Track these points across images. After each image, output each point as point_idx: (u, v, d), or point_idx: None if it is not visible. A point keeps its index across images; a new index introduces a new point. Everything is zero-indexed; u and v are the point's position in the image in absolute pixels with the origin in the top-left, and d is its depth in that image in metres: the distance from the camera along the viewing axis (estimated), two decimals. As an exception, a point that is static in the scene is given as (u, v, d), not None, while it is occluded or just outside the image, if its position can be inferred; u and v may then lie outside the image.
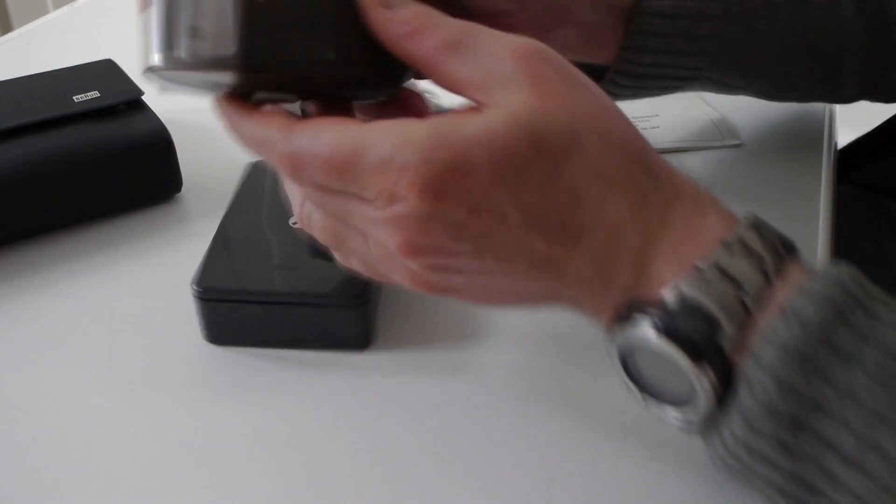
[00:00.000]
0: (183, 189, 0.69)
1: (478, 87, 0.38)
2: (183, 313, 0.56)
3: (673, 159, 0.72)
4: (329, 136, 0.38)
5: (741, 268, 0.37)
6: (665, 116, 0.78)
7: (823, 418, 0.35)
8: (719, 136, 0.75)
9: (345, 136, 0.38)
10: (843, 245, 0.65)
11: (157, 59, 0.38)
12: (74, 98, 0.66)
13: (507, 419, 0.48)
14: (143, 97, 0.69)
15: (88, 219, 0.66)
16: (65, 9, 1.01)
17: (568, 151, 0.37)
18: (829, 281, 0.37)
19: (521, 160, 0.36)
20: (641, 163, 0.39)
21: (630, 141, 0.39)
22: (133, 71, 0.72)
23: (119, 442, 0.48)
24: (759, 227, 0.39)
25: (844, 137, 0.83)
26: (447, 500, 0.44)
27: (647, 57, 0.59)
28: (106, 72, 0.70)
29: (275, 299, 0.51)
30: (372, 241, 0.40)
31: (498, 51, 0.37)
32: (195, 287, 0.52)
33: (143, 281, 0.60)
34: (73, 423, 0.49)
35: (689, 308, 0.37)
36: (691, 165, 0.71)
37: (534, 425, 0.47)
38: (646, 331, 0.37)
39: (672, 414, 0.40)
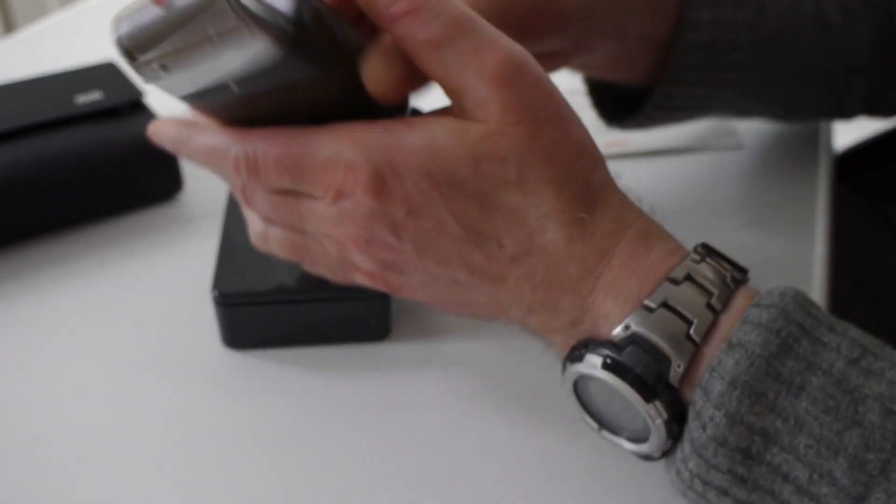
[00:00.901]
0: (184, 188, 0.68)
1: (451, 91, 0.39)
2: (187, 312, 0.56)
3: (668, 162, 0.72)
4: (281, 136, 0.40)
5: (688, 302, 0.38)
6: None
7: (774, 448, 0.36)
8: (718, 138, 0.75)
9: (296, 136, 0.40)
10: (842, 250, 0.65)
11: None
12: (76, 99, 0.66)
13: (522, 407, 0.48)
14: (144, 98, 0.69)
15: (90, 219, 0.66)
16: (67, 10, 1.01)
17: (507, 182, 0.39)
18: (773, 311, 0.37)
19: (458, 178, 0.39)
20: (586, 199, 0.40)
21: (577, 178, 0.40)
22: (134, 73, 0.72)
23: (123, 446, 0.48)
24: (708, 257, 0.40)
25: (844, 137, 0.83)
26: (471, 490, 0.45)
27: (683, 90, 0.59)
28: (107, 73, 0.70)
29: (296, 297, 0.51)
30: (328, 243, 0.42)
31: (481, 68, 0.38)
32: (215, 293, 0.51)
33: (145, 280, 0.60)
34: (74, 423, 0.49)
35: (639, 346, 0.38)
36: (689, 167, 0.71)
37: (548, 414, 0.48)
38: (597, 369, 0.38)
39: (629, 447, 0.41)
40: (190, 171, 0.69)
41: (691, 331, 0.38)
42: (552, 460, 0.46)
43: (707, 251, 0.41)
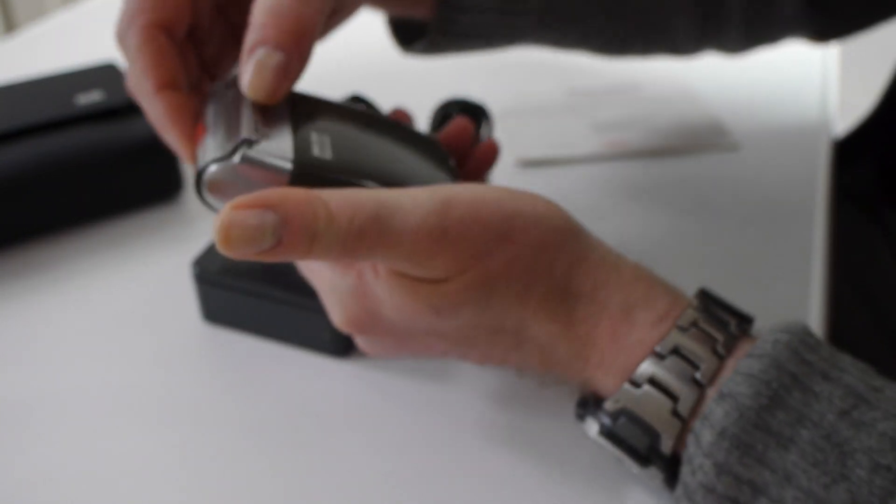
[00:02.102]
0: (184, 189, 0.68)
1: (393, 269, 0.41)
2: (184, 311, 0.56)
3: (667, 162, 0.72)
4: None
5: (673, 379, 0.39)
6: (657, 118, 0.78)
7: (762, 499, 0.36)
8: (714, 137, 0.75)
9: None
10: (839, 254, 0.65)
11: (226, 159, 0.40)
12: (76, 100, 0.66)
13: (486, 427, 0.48)
14: None
15: (90, 219, 0.65)
16: (67, 11, 1.01)
17: (477, 320, 0.41)
18: (766, 361, 0.37)
19: (425, 324, 0.41)
20: (556, 294, 0.41)
21: (540, 280, 0.41)
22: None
23: (124, 444, 0.48)
24: (702, 315, 0.41)
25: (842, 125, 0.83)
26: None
27: (464, 17, 0.58)
28: (108, 74, 0.70)
29: (262, 292, 0.52)
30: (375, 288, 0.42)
31: (408, 251, 0.38)
32: (194, 267, 0.54)
33: (145, 280, 0.60)
34: (73, 421, 0.49)
35: (629, 419, 0.39)
36: (685, 168, 0.71)
37: (516, 430, 0.47)
38: (594, 434, 0.41)
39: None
40: (189, 171, 0.69)
41: (678, 407, 0.39)
42: (523, 471, 0.45)
43: (704, 304, 0.42)
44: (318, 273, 0.44)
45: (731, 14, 0.64)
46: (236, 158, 0.39)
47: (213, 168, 0.39)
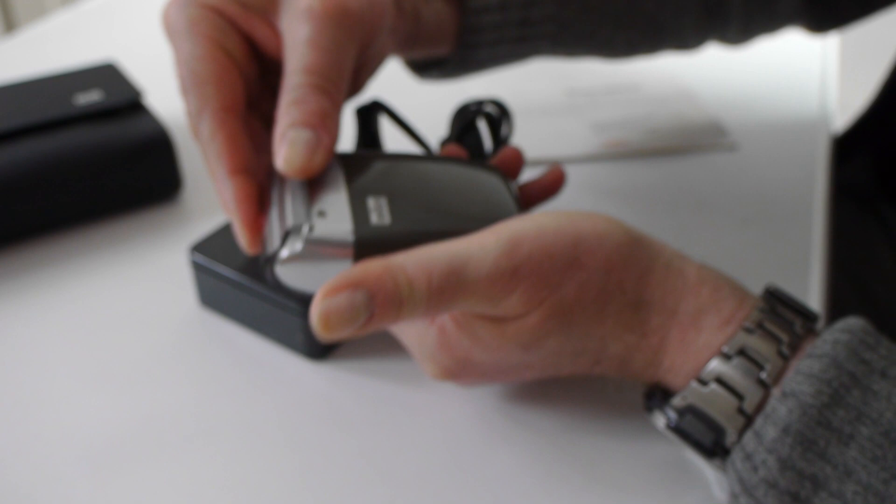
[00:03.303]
0: (184, 189, 0.68)
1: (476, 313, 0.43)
2: (183, 310, 0.56)
3: (665, 162, 0.72)
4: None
5: (739, 379, 0.40)
6: (656, 118, 0.78)
7: (823, 493, 0.37)
8: (712, 137, 0.75)
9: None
10: (837, 250, 0.65)
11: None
12: (76, 100, 0.66)
13: (472, 432, 0.48)
14: (143, 98, 0.68)
15: (89, 219, 0.65)
16: (67, 11, 1.01)
17: (565, 329, 0.42)
18: (825, 361, 0.39)
19: (510, 361, 0.44)
20: (631, 306, 0.42)
21: (614, 301, 0.42)
22: (134, 72, 0.72)
23: (123, 448, 0.48)
24: (769, 315, 0.42)
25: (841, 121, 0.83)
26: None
27: (482, 51, 0.60)
28: (107, 74, 0.70)
29: (247, 287, 0.53)
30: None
31: (485, 296, 0.40)
32: (192, 253, 0.55)
33: (145, 280, 0.60)
34: (71, 422, 0.49)
35: (695, 416, 0.41)
36: (684, 167, 0.71)
37: (497, 431, 0.48)
38: (662, 427, 0.42)
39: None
40: (189, 171, 0.69)
41: (743, 405, 0.40)
42: (502, 475, 0.46)
43: (770, 303, 0.42)
44: (405, 332, 0.46)
45: (731, 9, 0.64)
46: (299, 245, 0.41)
47: (282, 254, 0.41)
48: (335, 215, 0.42)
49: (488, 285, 0.40)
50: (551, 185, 0.53)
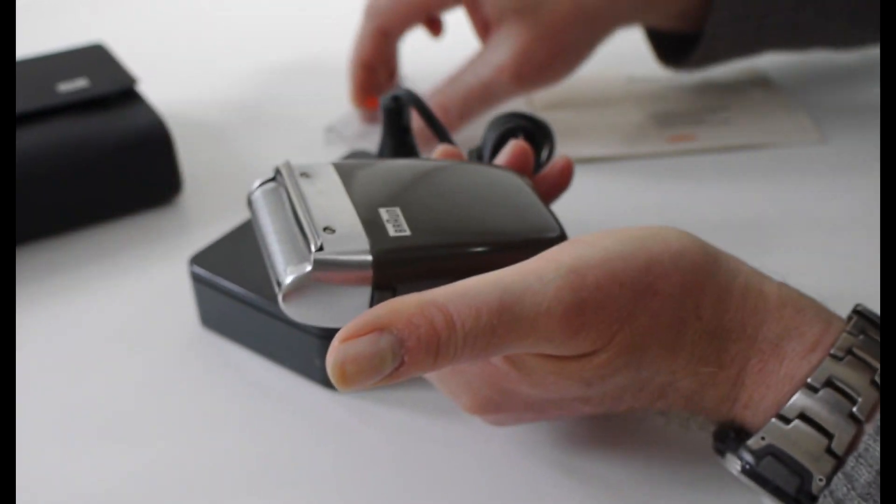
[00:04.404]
0: (184, 191, 0.69)
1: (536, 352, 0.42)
2: (182, 332, 0.57)
3: (741, 159, 0.71)
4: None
5: (827, 414, 0.40)
6: (737, 110, 0.77)
7: None
8: (796, 130, 0.74)
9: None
10: None
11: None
12: (59, 87, 0.66)
13: (496, 459, 0.48)
14: (137, 86, 0.69)
15: (75, 225, 0.65)
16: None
17: (636, 363, 0.42)
18: None
19: (577, 394, 0.43)
20: (708, 334, 0.42)
21: (688, 330, 0.42)
22: (126, 56, 0.72)
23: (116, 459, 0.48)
24: (856, 339, 0.41)
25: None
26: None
27: (719, 56, 0.73)
28: (95, 57, 0.70)
29: (255, 303, 0.53)
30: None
31: (546, 335, 0.40)
32: (191, 264, 0.55)
33: (138, 294, 0.60)
34: (62, 436, 0.50)
35: (776, 459, 0.40)
36: (763, 166, 0.70)
37: (523, 462, 0.48)
38: (737, 472, 0.42)
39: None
40: (190, 171, 0.70)
41: (832, 445, 0.39)
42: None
43: (861, 325, 0.42)
44: None
45: None
46: (305, 268, 0.40)
47: (287, 282, 0.40)
48: (345, 230, 0.42)
49: (549, 324, 0.39)
50: (560, 178, 0.53)
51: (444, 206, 0.45)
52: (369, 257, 0.40)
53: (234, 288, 0.53)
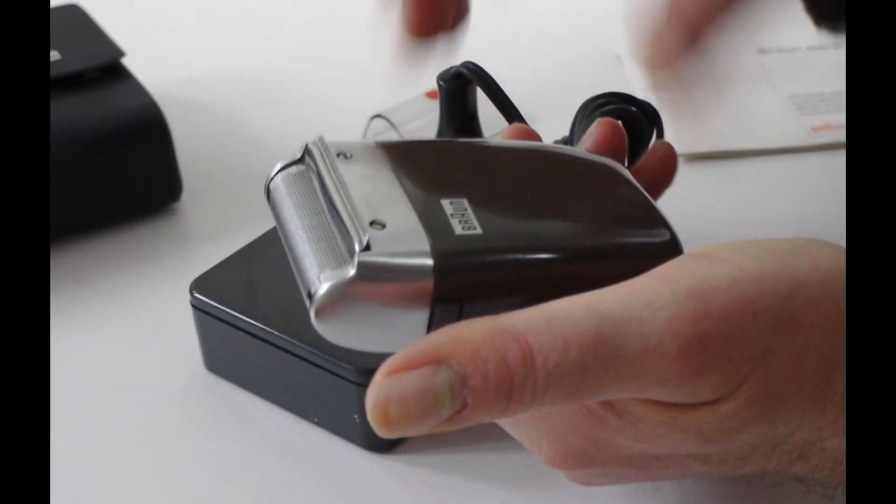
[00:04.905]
0: (183, 195, 0.69)
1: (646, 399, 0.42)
2: (182, 377, 0.58)
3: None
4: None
5: None
6: None
7: None
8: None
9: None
10: None
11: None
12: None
13: None
14: (123, 60, 0.69)
15: (51, 238, 0.64)
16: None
17: (770, 416, 0.41)
18: None
19: (705, 452, 0.43)
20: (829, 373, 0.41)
21: (843, 367, 0.41)
22: (108, 22, 0.72)
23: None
24: None
25: None
26: None
27: None
28: (70, 22, 0.70)
29: (272, 339, 0.53)
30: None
31: (654, 375, 0.39)
32: (192, 292, 0.56)
33: (124, 331, 0.61)
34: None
35: None
36: None
37: None
38: None
39: None
40: (190, 170, 0.70)
41: None
42: None
43: None
44: None
45: None
46: (348, 273, 0.39)
47: (323, 290, 0.39)
48: (398, 225, 0.40)
49: (660, 364, 0.38)
50: (662, 168, 0.53)
51: (524, 199, 0.45)
52: (430, 261, 0.39)
53: (247, 321, 0.54)
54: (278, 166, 0.45)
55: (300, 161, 0.45)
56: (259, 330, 0.53)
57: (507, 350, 0.37)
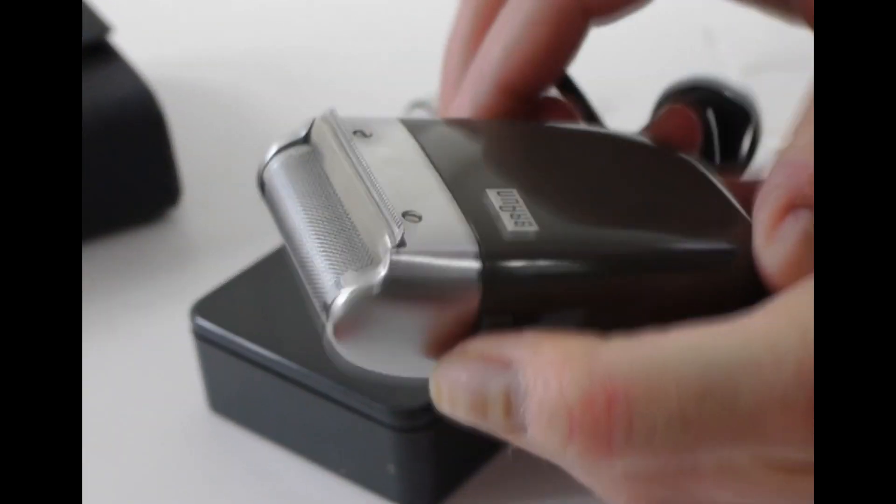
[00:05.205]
0: (183, 198, 0.69)
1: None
2: (183, 419, 0.58)
3: None
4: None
5: None
6: None
7: None
8: None
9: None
10: None
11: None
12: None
13: None
14: (110, 37, 0.70)
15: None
16: None
17: None
18: None
19: None
20: None
21: None
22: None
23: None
24: None
25: None
26: None
27: None
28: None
29: (285, 372, 0.53)
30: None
31: (789, 397, 0.38)
32: (194, 316, 0.56)
33: (112, 362, 0.61)
34: None
35: None
36: None
37: None
38: None
39: None
40: (191, 169, 0.70)
41: None
42: None
43: None
44: None
45: None
46: (380, 273, 0.36)
47: (343, 299, 0.37)
48: (436, 218, 0.38)
49: (784, 422, 0.37)
50: (682, 132, 0.52)
51: (584, 192, 0.43)
52: (477, 263, 0.37)
53: (259, 351, 0.53)
54: (275, 148, 0.43)
55: (304, 141, 0.43)
56: (274, 363, 0.53)
57: (590, 387, 0.36)
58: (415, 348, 0.38)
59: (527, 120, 0.52)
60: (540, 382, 0.36)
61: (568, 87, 0.54)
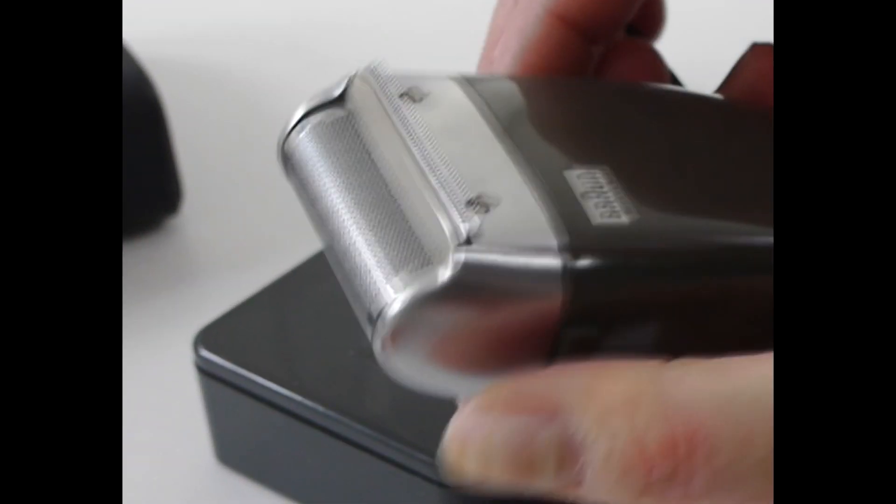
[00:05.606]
0: (184, 204, 0.71)
1: None
2: (186, 471, 0.60)
3: None
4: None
5: None
6: None
7: None
8: None
9: None
10: None
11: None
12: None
13: None
14: None
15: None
16: None
17: None
18: None
19: None
20: None
21: None
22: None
23: None
24: None
25: None
26: None
27: None
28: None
29: (314, 416, 0.54)
30: None
31: None
32: (197, 347, 0.57)
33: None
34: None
35: None
36: None
37: None
38: None
39: None
40: (192, 170, 0.72)
41: None
42: None
43: None
44: None
45: None
46: (445, 274, 0.35)
47: (399, 306, 0.36)
48: (511, 204, 0.37)
49: None
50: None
51: (684, 173, 0.43)
52: (559, 261, 0.36)
53: (276, 390, 0.54)
54: (302, 110, 0.42)
55: (338, 102, 0.41)
56: (294, 403, 0.53)
57: (669, 430, 0.36)
58: (481, 362, 0.37)
59: (600, 71, 0.52)
60: (605, 431, 0.36)
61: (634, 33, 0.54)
